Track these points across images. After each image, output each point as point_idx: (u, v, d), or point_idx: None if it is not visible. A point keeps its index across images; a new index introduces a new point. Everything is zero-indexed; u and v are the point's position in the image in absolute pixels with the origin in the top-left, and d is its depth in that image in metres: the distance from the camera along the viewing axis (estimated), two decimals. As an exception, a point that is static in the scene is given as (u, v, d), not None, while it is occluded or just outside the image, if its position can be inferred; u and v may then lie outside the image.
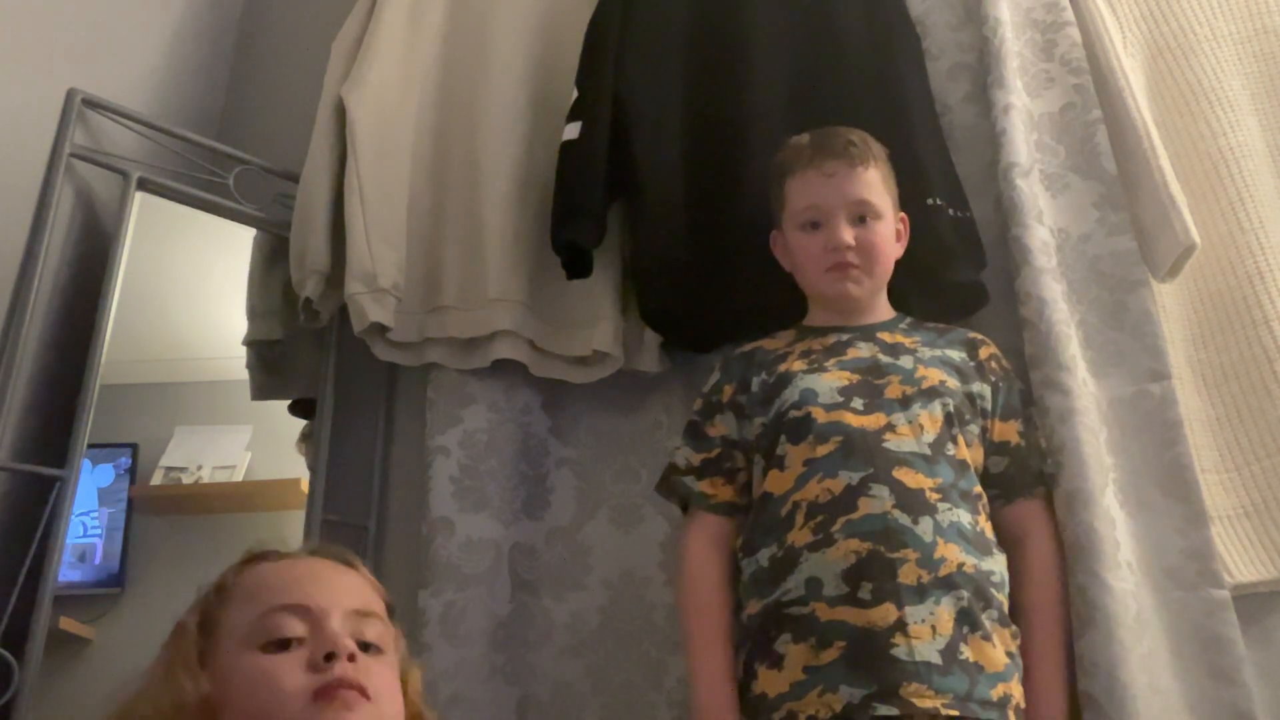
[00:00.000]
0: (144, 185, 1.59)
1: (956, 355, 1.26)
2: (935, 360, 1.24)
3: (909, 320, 1.32)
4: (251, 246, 1.76)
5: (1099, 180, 1.38)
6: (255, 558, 0.89)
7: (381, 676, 0.81)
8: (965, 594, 1.08)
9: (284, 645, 0.79)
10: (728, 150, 1.47)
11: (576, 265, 1.48)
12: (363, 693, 0.76)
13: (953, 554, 1.08)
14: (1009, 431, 1.24)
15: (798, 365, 1.25)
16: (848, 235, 1.24)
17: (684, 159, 1.49)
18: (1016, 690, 1.08)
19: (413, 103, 1.67)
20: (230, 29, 2.13)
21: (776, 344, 1.32)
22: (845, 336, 1.27)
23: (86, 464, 1.45)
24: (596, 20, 1.59)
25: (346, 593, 0.85)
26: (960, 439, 1.18)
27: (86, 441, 1.42)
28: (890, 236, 1.29)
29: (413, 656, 0.91)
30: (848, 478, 1.12)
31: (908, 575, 1.06)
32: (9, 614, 1.29)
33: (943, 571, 1.07)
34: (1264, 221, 1.40)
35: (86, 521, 1.55)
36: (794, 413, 1.19)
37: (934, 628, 1.05)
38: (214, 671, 0.79)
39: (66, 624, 1.45)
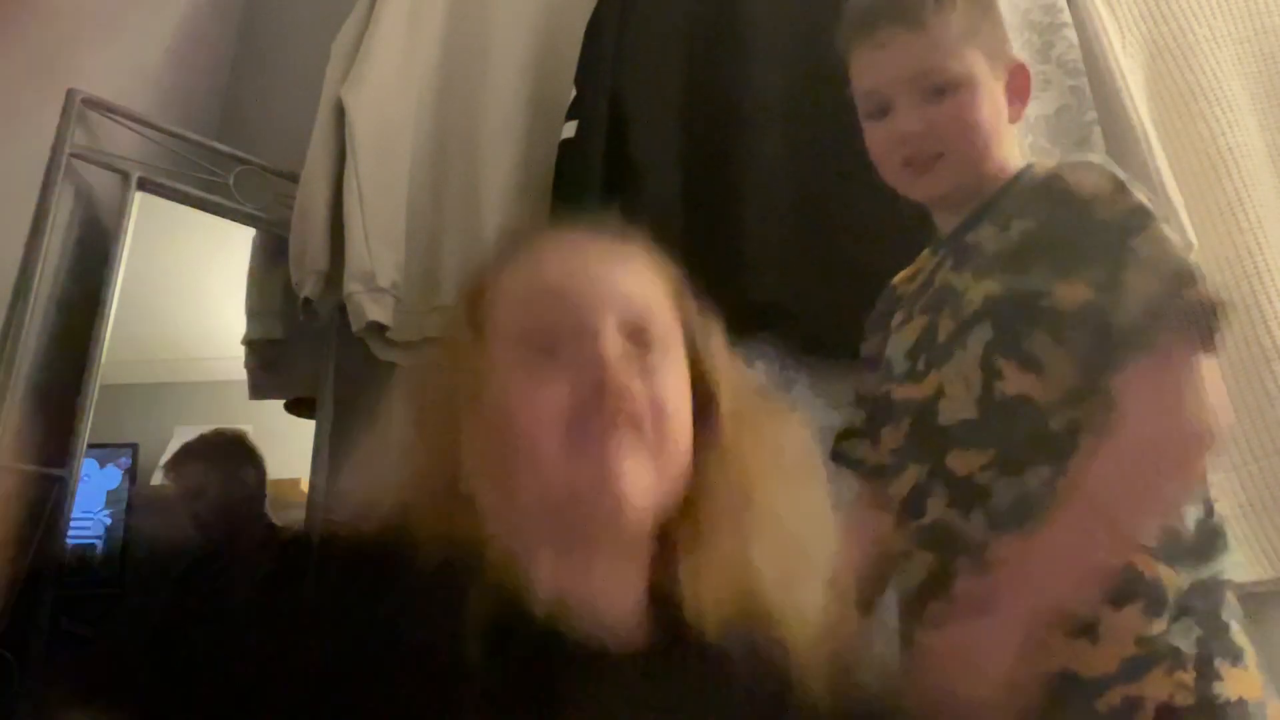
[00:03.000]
0: (144, 185, 1.59)
1: (1018, 229, 0.94)
2: (992, 260, 0.94)
3: (1020, 188, 0.99)
4: (251, 246, 1.76)
5: (1095, 182, 1.39)
6: (515, 245, 0.76)
7: (662, 391, 0.67)
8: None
9: (549, 354, 0.67)
10: (726, 149, 1.47)
11: (576, 265, 1.48)
12: (638, 424, 0.64)
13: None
14: (1075, 292, 0.89)
15: (898, 318, 1.04)
16: (913, 120, 0.97)
17: (682, 157, 1.49)
18: (1156, 688, 0.82)
19: (412, 103, 1.67)
20: (230, 29, 2.13)
21: (905, 274, 1.11)
22: (940, 254, 1.03)
23: (95, 465, 1.45)
24: (595, 20, 1.59)
25: (620, 290, 0.69)
26: (1013, 365, 0.90)
27: (86, 441, 1.42)
28: (989, 102, 0.97)
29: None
30: (915, 473, 0.95)
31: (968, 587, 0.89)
32: (9, 614, 1.29)
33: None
34: (1262, 221, 1.41)
35: (87, 522, 1.55)
36: (879, 389, 1.03)
37: None
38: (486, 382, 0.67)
39: (66, 624, 1.45)
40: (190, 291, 1.75)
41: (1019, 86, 1.02)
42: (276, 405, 1.75)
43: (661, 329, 0.70)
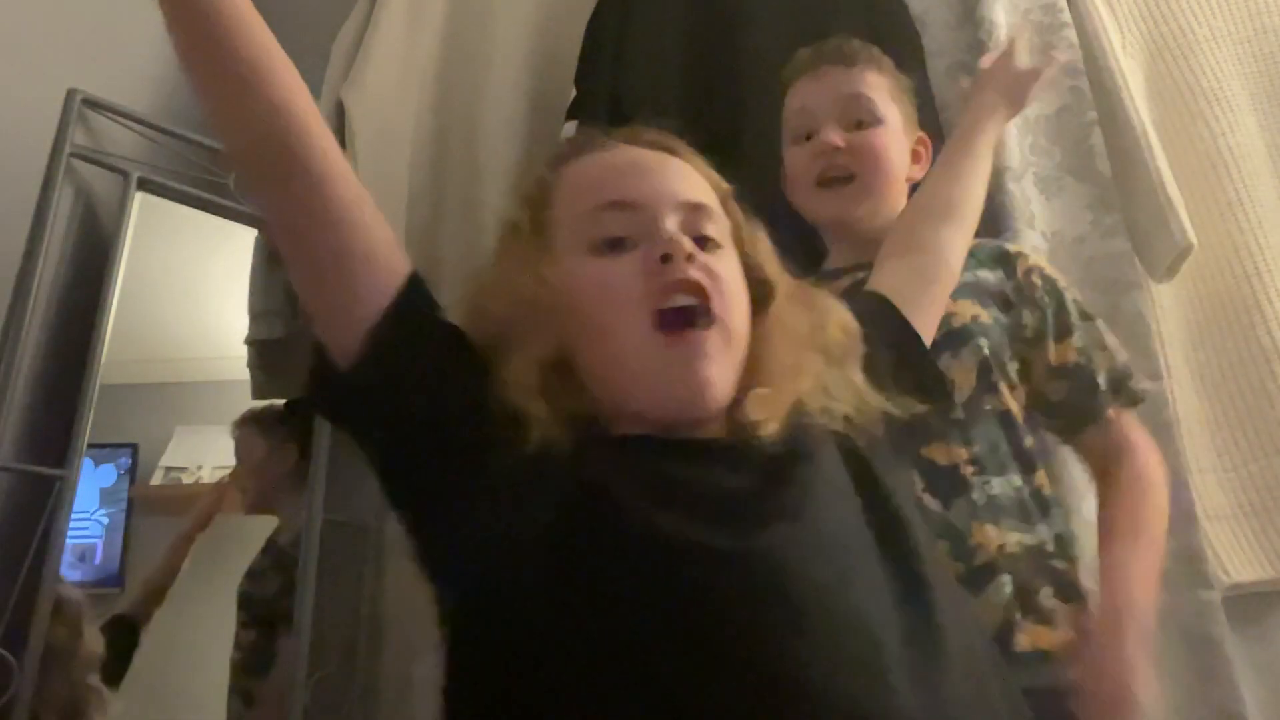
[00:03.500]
0: (144, 185, 1.59)
1: (992, 277, 1.08)
2: (966, 289, 1.05)
3: None
4: (252, 246, 1.76)
5: (1093, 182, 1.39)
6: (572, 151, 0.83)
7: (725, 274, 0.74)
8: (1011, 577, 0.95)
9: (616, 245, 0.74)
10: (726, 149, 1.46)
11: (575, 264, 1.48)
12: (704, 295, 0.72)
13: (989, 537, 0.96)
14: (1065, 351, 1.06)
15: None
16: (836, 137, 1.08)
17: (683, 159, 1.49)
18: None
19: (412, 103, 1.67)
20: (230, 29, 2.12)
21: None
22: (861, 275, 1.06)
23: (89, 464, 1.45)
24: (595, 20, 1.59)
25: (676, 184, 0.78)
26: (1002, 385, 1.02)
27: (86, 441, 1.42)
28: (898, 147, 1.10)
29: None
30: None
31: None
32: (9, 614, 1.29)
33: (979, 560, 0.95)
34: (1262, 221, 1.41)
35: (86, 521, 1.55)
36: None
37: None
38: (552, 273, 0.74)
39: (67, 624, 1.45)
40: (190, 291, 1.75)
41: (920, 154, 1.16)
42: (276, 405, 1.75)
43: (717, 227, 0.78)
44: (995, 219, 1.36)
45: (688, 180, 0.80)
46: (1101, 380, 1.07)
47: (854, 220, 1.10)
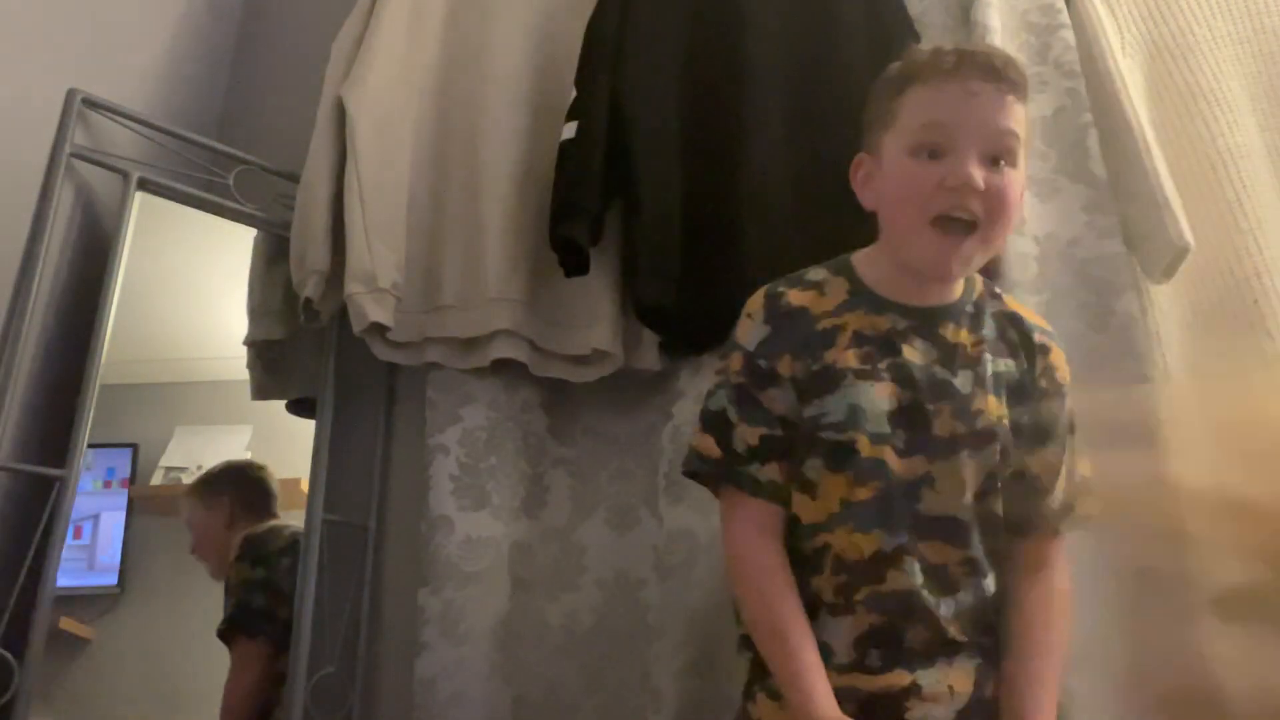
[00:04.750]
0: (144, 185, 1.59)
1: (1015, 367, 1.04)
2: (996, 381, 1.02)
3: (975, 297, 1.06)
4: (251, 246, 1.76)
5: (1088, 184, 1.39)
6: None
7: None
8: (980, 648, 1.00)
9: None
10: (725, 150, 1.47)
11: (573, 263, 1.48)
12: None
13: (968, 630, 0.99)
14: (1033, 461, 1.04)
15: (850, 360, 1.01)
16: (978, 174, 0.95)
17: (681, 158, 1.49)
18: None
19: (413, 103, 1.67)
20: (230, 29, 2.13)
21: (824, 304, 1.05)
22: (903, 325, 1.02)
23: (95, 464, 1.46)
24: (595, 20, 1.59)
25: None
26: (999, 485, 1.01)
27: (86, 441, 1.42)
28: (1020, 197, 1.00)
29: None
30: (880, 541, 0.97)
31: (916, 639, 0.97)
32: (9, 614, 1.29)
33: (955, 636, 0.98)
34: (1262, 222, 1.40)
35: (87, 521, 1.55)
36: (835, 434, 0.99)
37: (951, 688, 0.97)
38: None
39: (66, 624, 1.45)
40: (190, 291, 1.75)
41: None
42: (277, 405, 1.75)
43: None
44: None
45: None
46: (1053, 500, 1.05)
47: (956, 276, 1.03)
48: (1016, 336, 1.06)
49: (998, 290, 1.10)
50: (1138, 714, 1.14)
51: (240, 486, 1.67)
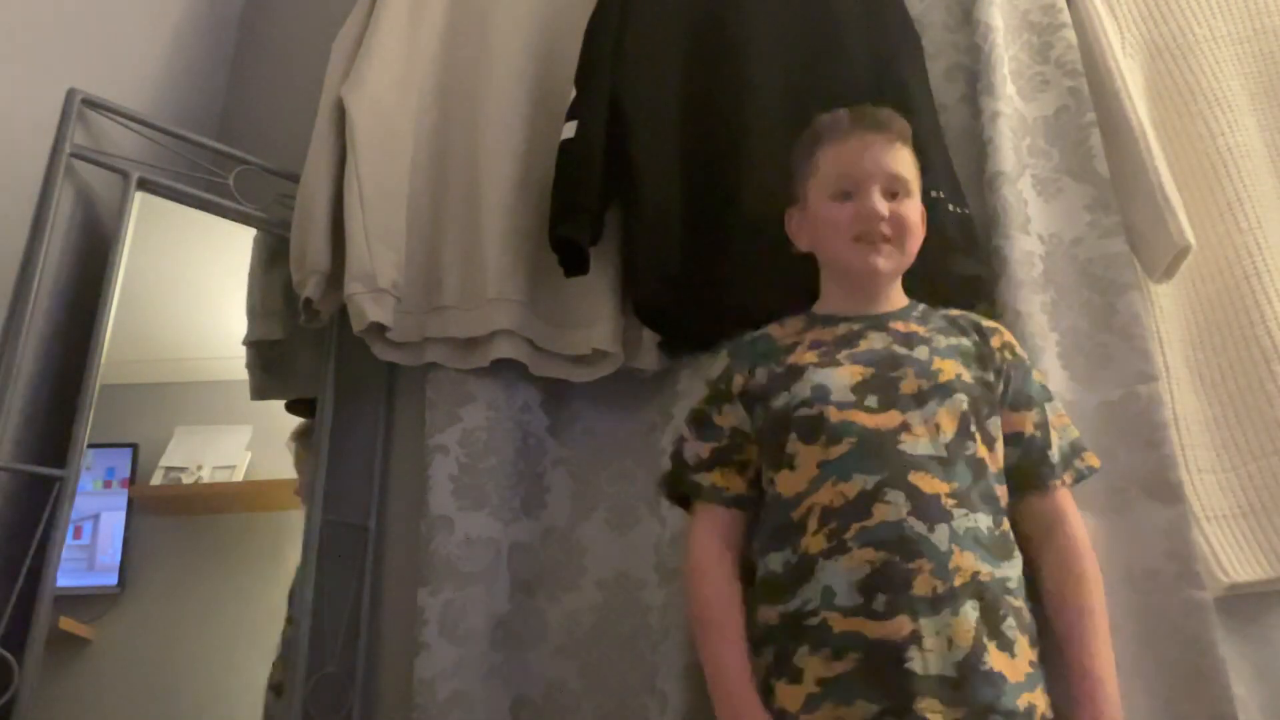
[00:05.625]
0: (144, 185, 1.59)
1: (969, 343, 1.22)
2: (950, 350, 1.20)
3: (921, 308, 1.28)
4: (251, 246, 1.76)
5: (1091, 183, 1.39)
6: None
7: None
8: (983, 602, 1.05)
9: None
10: (725, 150, 1.47)
11: (573, 262, 1.48)
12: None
13: (968, 562, 1.05)
14: (1022, 422, 1.19)
15: (809, 357, 1.20)
16: (882, 206, 1.21)
17: (681, 159, 1.49)
18: (1041, 700, 1.05)
19: (413, 103, 1.67)
20: (230, 29, 2.13)
21: (785, 332, 1.27)
22: (856, 326, 1.23)
23: (94, 464, 1.46)
24: (595, 20, 1.59)
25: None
26: (978, 436, 1.14)
27: (86, 441, 1.42)
28: (920, 219, 1.25)
29: None
30: (862, 482, 1.08)
31: (922, 586, 1.03)
32: (9, 614, 1.29)
33: (958, 581, 1.04)
34: (1262, 222, 1.40)
35: (87, 521, 1.55)
36: (805, 410, 1.15)
37: (950, 640, 1.02)
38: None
39: (66, 624, 1.45)
40: (190, 291, 1.75)
41: (922, 222, 1.27)
42: (277, 405, 1.75)
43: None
44: (990, 222, 1.37)
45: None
46: (1053, 454, 1.19)
47: (882, 273, 1.24)
48: (965, 324, 1.25)
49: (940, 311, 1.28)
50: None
51: None
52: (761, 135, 1.45)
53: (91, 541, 1.55)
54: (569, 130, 1.50)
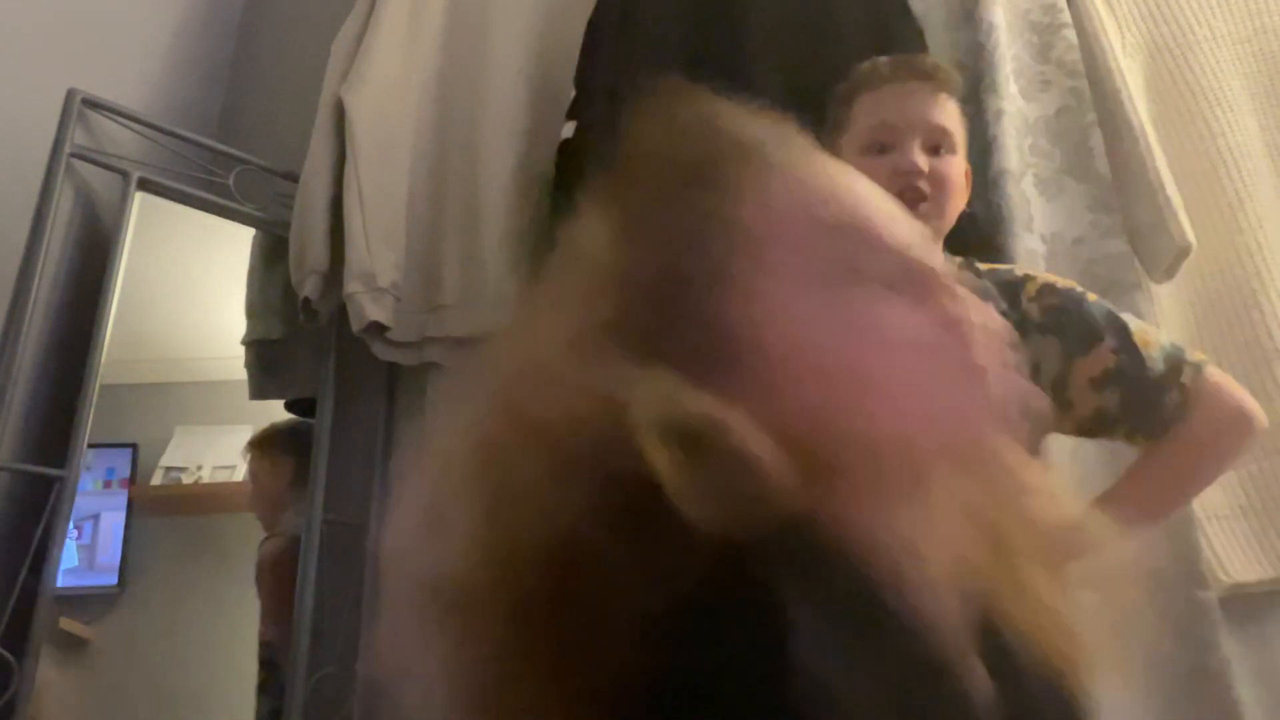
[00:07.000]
0: (144, 185, 1.59)
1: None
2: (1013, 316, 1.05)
3: (960, 261, 1.13)
4: (251, 246, 1.76)
5: (1093, 183, 1.39)
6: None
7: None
8: None
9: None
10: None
11: (575, 263, 1.48)
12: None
13: None
14: (1103, 359, 1.03)
15: None
16: (922, 160, 1.07)
17: (682, 159, 1.49)
18: None
19: (412, 103, 1.67)
20: (230, 29, 2.13)
21: None
22: None
23: (94, 464, 1.46)
24: (595, 20, 1.59)
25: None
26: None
27: (86, 441, 1.42)
28: (963, 179, 1.11)
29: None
30: None
31: None
32: (9, 614, 1.29)
33: None
34: (1262, 222, 1.40)
35: (87, 521, 1.55)
36: None
37: None
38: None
39: (66, 624, 1.45)
40: (190, 291, 1.75)
41: (966, 185, 1.14)
42: (277, 405, 1.75)
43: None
44: (993, 222, 1.36)
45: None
46: (1152, 369, 1.03)
47: None
48: (997, 278, 1.11)
49: (976, 264, 1.14)
50: None
51: (305, 452, 1.67)
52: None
53: (91, 541, 1.55)
54: (569, 130, 1.50)
